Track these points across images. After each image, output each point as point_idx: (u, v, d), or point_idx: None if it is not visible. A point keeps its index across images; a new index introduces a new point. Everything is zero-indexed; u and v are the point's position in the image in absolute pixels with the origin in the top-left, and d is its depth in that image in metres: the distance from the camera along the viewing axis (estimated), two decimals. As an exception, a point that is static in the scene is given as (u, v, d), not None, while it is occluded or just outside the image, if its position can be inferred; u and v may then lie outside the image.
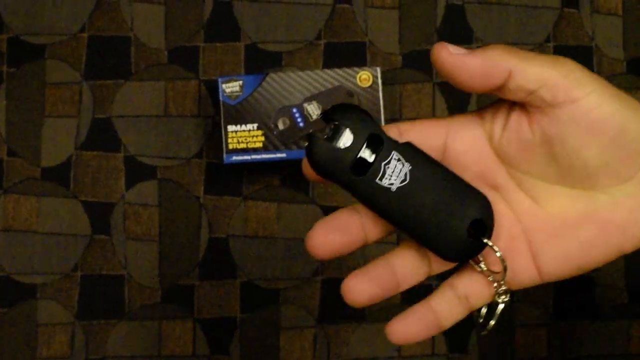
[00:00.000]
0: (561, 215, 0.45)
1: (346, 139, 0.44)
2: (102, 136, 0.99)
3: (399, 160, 0.44)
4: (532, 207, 0.46)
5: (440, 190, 0.45)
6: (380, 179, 0.44)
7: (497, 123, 0.45)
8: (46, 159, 0.98)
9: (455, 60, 0.43)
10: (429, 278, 1.01)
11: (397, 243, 1.01)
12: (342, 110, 0.45)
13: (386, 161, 0.44)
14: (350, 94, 0.95)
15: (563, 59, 0.43)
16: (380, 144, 0.44)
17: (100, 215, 0.98)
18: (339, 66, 1.01)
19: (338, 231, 0.45)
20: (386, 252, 0.47)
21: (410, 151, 0.45)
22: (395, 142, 0.45)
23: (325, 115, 0.45)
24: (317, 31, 1.02)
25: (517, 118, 0.44)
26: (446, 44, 0.43)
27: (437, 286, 1.01)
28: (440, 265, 0.47)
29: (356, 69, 0.95)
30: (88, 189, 0.99)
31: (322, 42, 1.02)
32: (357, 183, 0.44)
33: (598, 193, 0.45)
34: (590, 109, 0.42)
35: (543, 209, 0.46)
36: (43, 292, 0.97)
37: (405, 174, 0.44)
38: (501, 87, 0.43)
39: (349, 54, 1.02)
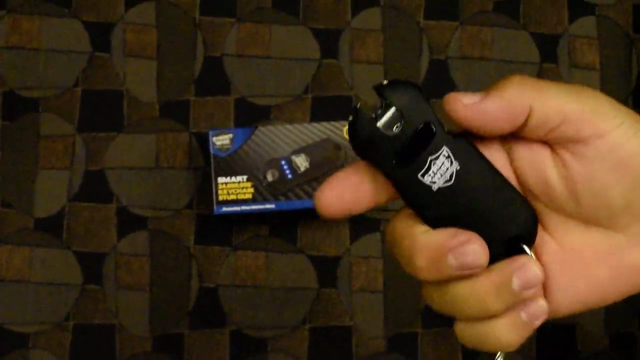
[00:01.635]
0: (575, 252, 0.42)
1: (396, 124, 0.40)
2: (94, 188, 1.01)
3: (448, 157, 0.40)
4: (546, 240, 0.43)
5: (485, 198, 0.41)
6: (423, 175, 0.40)
7: (517, 151, 0.42)
8: (39, 210, 1.00)
9: (472, 111, 0.40)
10: (415, 325, 1.03)
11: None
12: (397, 88, 0.40)
13: (434, 156, 0.40)
14: (338, 146, 0.98)
15: (586, 90, 0.40)
16: (432, 135, 0.40)
17: (92, 265, 1.00)
18: (326, 119, 1.04)
19: (347, 189, 0.41)
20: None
21: (462, 149, 0.40)
22: (449, 135, 0.40)
23: (379, 90, 0.40)
24: (304, 85, 1.05)
25: (538, 151, 0.41)
26: (457, 95, 0.40)
27: (423, 335, 1.04)
28: None
29: (343, 122, 0.98)
30: (80, 240, 1.00)
31: (310, 96, 1.05)
32: (397, 173, 0.40)
33: (615, 232, 0.42)
34: (619, 143, 0.39)
35: (557, 243, 0.43)
36: (35, 341, 0.99)
37: (451, 175, 0.40)
38: (520, 127, 0.40)
39: (335, 107, 1.05)
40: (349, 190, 0.41)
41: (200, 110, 1.04)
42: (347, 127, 0.98)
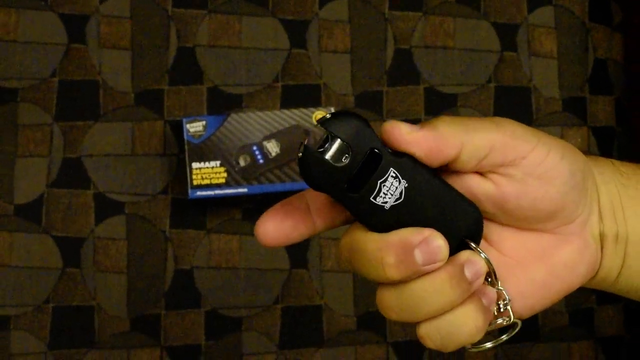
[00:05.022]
0: (514, 256, 0.47)
1: (344, 155, 0.42)
2: (72, 174, 1.05)
3: (395, 177, 0.43)
4: (486, 249, 0.47)
5: (433, 207, 0.44)
6: (375, 198, 0.43)
7: (449, 180, 0.46)
8: (19, 197, 1.04)
9: (408, 138, 0.43)
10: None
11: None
12: (340, 120, 0.42)
13: (383, 179, 0.43)
14: (307, 132, 1.02)
15: (502, 120, 0.45)
16: (379, 159, 0.43)
17: (71, 249, 1.03)
18: (296, 107, 1.08)
19: (286, 221, 0.45)
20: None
21: (408, 167, 0.43)
22: (394, 156, 0.43)
23: (323, 124, 0.42)
24: (275, 74, 1.09)
25: (467, 179, 0.46)
26: (397, 122, 0.43)
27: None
28: None
29: (312, 109, 1.02)
30: (59, 225, 1.04)
31: (280, 84, 1.09)
32: (350, 199, 0.43)
33: (545, 234, 0.47)
34: (540, 160, 0.44)
35: (497, 250, 0.47)
36: (16, 323, 1.02)
37: (401, 193, 0.43)
38: (454, 160, 0.44)
39: (304, 95, 1.09)
40: (286, 220, 0.45)
41: (174, 99, 1.07)
42: (315, 113, 1.02)
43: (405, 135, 0.43)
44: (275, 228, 0.45)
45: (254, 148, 1.01)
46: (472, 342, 0.45)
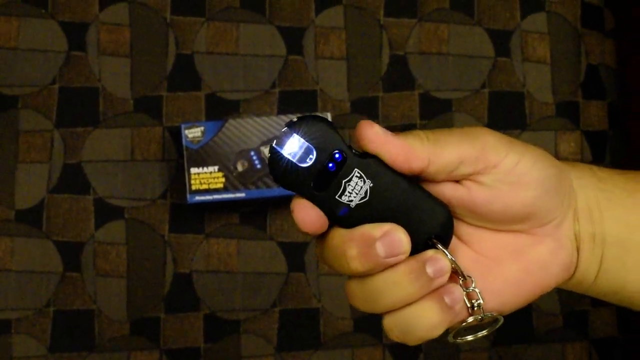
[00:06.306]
0: (488, 255, 0.48)
1: (308, 156, 0.45)
2: (72, 180, 1.06)
3: (360, 177, 0.45)
4: (461, 248, 0.49)
5: (400, 206, 0.45)
6: (340, 196, 0.45)
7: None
8: (20, 202, 1.05)
9: (379, 139, 0.45)
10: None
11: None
12: (306, 123, 0.45)
13: (347, 179, 0.45)
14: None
15: (476, 131, 0.46)
16: (344, 160, 0.45)
17: (71, 254, 1.05)
18: (293, 112, 1.09)
19: (314, 208, 0.46)
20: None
21: (373, 168, 0.45)
22: (359, 157, 0.45)
23: (290, 127, 0.45)
24: (272, 80, 1.10)
25: (437, 185, 0.47)
26: (372, 123, 0.45)
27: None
28: None
29: (308, 114, 1.04)
30: (60, 230, 1.05)
31: (277, 90, 1.10)
32: (316, 197, 0.45)
33: (520, 234, 0.48)
34: (511, 167, 0.46)
35: (472, 250, 0.49)
36: (18, 327, 1.03)
37: (366, 192, 0.45)
38: (422, 172, 0.46)
39: (301, 101, 1.10)
40: (314, 208, 0.46)
41: (172, 105, 1.09)
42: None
43: (376, 136, 0.45)
44: (309, 213, 0.46)
45: (252, 153, 1.03)
46: (430, 337, 0.46)
